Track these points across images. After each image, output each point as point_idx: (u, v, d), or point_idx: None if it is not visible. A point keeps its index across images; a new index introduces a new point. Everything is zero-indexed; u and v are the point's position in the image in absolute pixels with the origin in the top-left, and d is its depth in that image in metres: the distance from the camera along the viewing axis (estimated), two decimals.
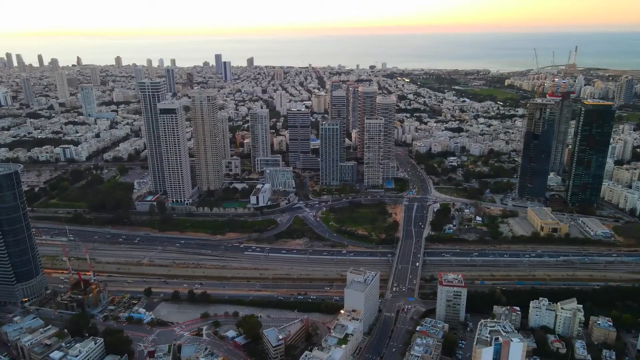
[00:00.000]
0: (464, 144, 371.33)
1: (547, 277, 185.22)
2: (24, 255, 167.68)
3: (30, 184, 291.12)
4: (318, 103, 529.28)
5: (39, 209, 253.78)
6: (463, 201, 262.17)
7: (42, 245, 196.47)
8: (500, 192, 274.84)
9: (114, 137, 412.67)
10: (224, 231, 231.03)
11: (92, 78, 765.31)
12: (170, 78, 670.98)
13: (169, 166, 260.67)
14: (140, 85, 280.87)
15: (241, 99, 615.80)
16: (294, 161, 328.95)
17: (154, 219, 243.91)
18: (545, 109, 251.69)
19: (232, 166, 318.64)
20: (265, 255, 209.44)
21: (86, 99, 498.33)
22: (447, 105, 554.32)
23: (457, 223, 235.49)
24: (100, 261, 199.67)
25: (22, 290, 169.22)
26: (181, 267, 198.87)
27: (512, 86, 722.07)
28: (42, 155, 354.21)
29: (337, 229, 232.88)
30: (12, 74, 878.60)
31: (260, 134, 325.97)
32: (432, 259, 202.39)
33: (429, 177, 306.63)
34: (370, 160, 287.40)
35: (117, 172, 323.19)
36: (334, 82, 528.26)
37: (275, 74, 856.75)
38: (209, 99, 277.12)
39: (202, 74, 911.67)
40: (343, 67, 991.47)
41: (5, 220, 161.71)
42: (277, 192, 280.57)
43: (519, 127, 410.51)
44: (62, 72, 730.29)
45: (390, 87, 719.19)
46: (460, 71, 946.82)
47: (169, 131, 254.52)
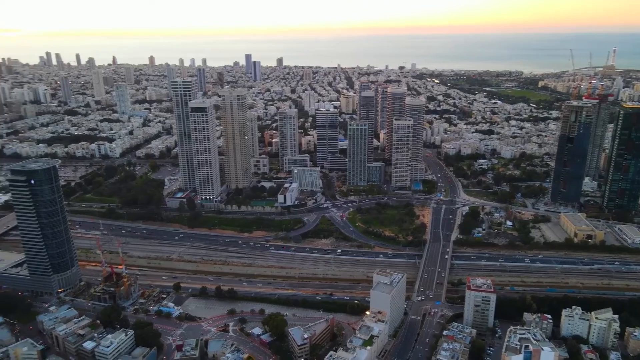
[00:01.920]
0: (495, 147, 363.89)
1: (580, 285, 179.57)
2: (61, 247, 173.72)
3: (67, 178, 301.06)
4: (346, 103, 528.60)
5: (74, 203, 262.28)
6: (493, 205, 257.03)
7: (77, 238, 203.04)
8: (532, 197, 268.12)
9: (147, 134, 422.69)
10: (251, 229, 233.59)
11: (126, 77, 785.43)
12: (202, 77, 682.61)
13: (199, 164, 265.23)
14: (172, 84, 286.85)
15: (270, 98, 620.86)
16: (322, 161, 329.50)
17: (183, 216, 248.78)
18: (582, 111, 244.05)
19: (260, 165, 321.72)
20: (291, 254, 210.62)
21: (121, 97, 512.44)
22: (478, 106, 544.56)
23: (487, 227, 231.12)
24: (131, 255, 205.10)
25: (58, 281, 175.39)
26: (209, 264, 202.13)
27: (546, 88, 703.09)
28: (79, 151, 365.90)
29: (364, 229, 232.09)
30: (51, 72, 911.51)
31: (288, 133, 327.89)
32: (460, 262, 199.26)
33: (458, 179, 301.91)
34: (398, 162, 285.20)
35: (149, 168, 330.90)
36: (362, 83, 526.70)
37: (304, 74, 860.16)
38: (239, 98, 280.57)
39: (232, 73, 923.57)
40: (372, 68, 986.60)
41: (43, 213, 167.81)
42: (304, 191, 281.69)
43: (552, 130, 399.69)
44: (99, 71, 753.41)
45: (419, 88, 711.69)
46: (491, 72, 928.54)
47: (200, 129, 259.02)
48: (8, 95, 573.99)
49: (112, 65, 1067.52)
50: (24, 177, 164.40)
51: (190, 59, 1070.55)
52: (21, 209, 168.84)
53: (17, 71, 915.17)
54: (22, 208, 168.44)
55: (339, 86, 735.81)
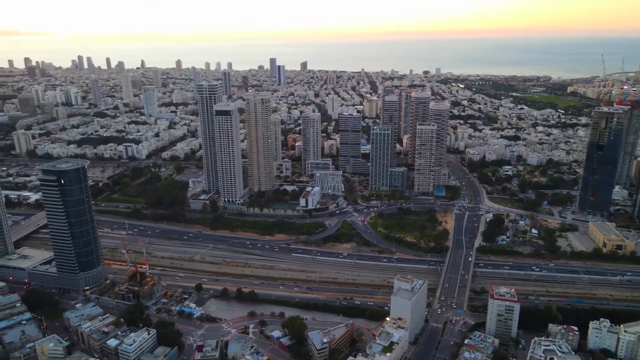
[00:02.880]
0: (521, 153, 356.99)
1: (609, 297, 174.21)
2: (88, 246, 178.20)
3: (95, 179, 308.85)
4: (370, 108, 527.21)
5: (102, 203, 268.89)
6: (518, 212, 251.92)
7: (103, 237, 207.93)
8: (559, 205, 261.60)
9: (172, 136, 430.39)
10: (273, 232, 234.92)
11: (154, 80, 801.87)
12: (227, 81, 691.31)
13: (223, 166, 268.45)
14: (198, 87, 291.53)
15: (294, 102, 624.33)
16: (344, 165, 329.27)
17: (206, 217, 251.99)
18: (612, 118, 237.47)
19: (283, 168, 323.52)
20: (312, 257, 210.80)
21: (148, 100, 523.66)
22: (504, 112, 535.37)
23: (511, 235, 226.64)
24: (155, 255, 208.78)
25: (85, 279, 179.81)
26: (231, 266, 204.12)
27: (575, 93, 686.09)
28: (107, 152, 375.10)
29: (385, 235, 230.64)
30: (82, 75, 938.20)
31: (311, 137, 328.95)
32: (483, 270, 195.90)
33: (482, 186, 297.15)
34: (421, 167, 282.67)
35: (174, 170, 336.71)
36: (386, 87, 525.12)
37: (328, 78, 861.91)
38: (263, 101, 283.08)
39: (257, 77, 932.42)
40: (396, 72, 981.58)
41: (72, 212, 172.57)
42: (326, 195, 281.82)
43: (581, 137, 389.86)
44: (127, 74, 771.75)
45: (444, 92, 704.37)
46: (518, 77, 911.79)
47: (224, 132, 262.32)
48: (41, 97, 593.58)
49: (141, 69, 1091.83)
50: (54, 177, 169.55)
51: (216, 62, 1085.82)
52: (51, 208, 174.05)
53: (51, 74, 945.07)
54: (52, 207, 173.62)
55: (363, 90, 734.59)
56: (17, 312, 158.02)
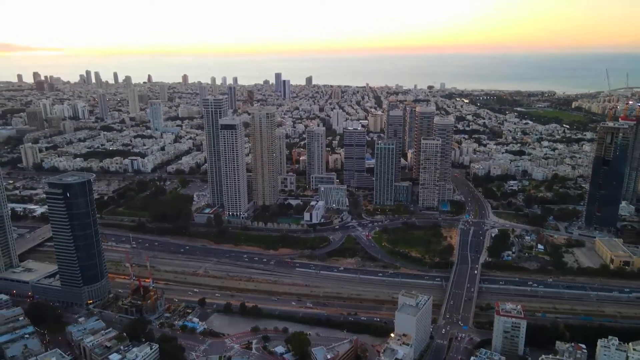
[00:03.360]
0: (526, 168, 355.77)
1: (617, 315, 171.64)
2: (92, 259, 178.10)
3: (100, 192, 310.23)
4: (374, 122, 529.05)
5: (107, 217, 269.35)
6: (523, 227, 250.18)
7: (107, 250, 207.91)
8: (565, 220, 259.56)
9: (178, 150, 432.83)
10: (277, 246, 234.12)
11: (160, 94, 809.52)
12: (232, 95, 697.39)
13: (227, 180, 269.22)
14: (204, 101, 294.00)
15: (299, 116, 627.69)
16: (349, 179, 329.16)
17: (210, 231, 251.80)
18: (618, 133, 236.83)
19: (287, 182, 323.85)
20: (316, 272, 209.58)
21: (154, 114, 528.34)
22: (509, 127, 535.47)
23: (517, 250, 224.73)
24: (159, 269, 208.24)
25: (88, 292, 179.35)
26: (234, 280, 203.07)
27: (580, 108, 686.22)
28: (112, 165, 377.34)
29: (390, 249, 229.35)
30: (90, 89, 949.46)
31: (316, 151, 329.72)
32: (489, 286, 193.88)
33: (487, 200, 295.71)
34: (425, 181, 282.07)
35: (179, 184, 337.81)
36: (391, 102, 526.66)
37: (333, 92, 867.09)
38: (268, 116, 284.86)
39: (262, 91, 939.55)
40: (400, 87, 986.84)
41: (77, 225, 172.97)
42: (330, 209, 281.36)
43: (587, 152, 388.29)
44: (134, 88, 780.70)
45: (448, 107, 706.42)
46: (522, 92, 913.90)
47: (229, 146, 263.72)
48: (49, 111, 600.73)
49: (147, 83, 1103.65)
50: (60, 190, 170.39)
51: (222, 77, 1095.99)
52: (56, 221, 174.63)
53: (59, 88, 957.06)
54: (57, 220, 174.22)
55: (367, 105, 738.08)
56: (20, 326, 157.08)
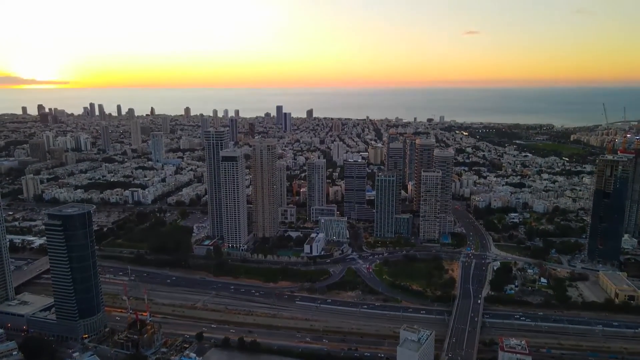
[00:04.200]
0: (527, 200, 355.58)
1: (624, 350, 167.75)
2: (89, 292, 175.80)
3: (100, 224, 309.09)
4: (375, 154, 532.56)
5: (106, 248, 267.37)
6: (526, 260, 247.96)
7: (105, 283, 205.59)
8: (568, 253, 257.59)
9: (178, 182, 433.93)
10: (276, 279, 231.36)
11: (162, 126, 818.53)
12: (234, 128, 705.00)
13: (227, 212, 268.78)
14: (205, 134, 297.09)
15: (299, 148, 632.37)
16: (349, 212, 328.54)
17: (209, 263, 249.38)
18: (617, 166, 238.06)
19: (287, 214, 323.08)
20: (316, 306, 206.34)
21: (156, 146, 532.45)
22: (508, 159, 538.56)
23: (520, 284, 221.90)
24: (157, 302, 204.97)
25: (84, 326, 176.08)
26: (233, 313, 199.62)
27: (579, 141, 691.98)
28: (113, 197, 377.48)
29: (391, 282, 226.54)
30: (93, 122, 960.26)
31: (316, 183, 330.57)
32: (492, 321, 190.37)
33: (488, 233, 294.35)
34: (426, 214, 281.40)
35: (179, 215, 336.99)
36: (391, 134, 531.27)
37: (333, 125, 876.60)
38: (269, 148, 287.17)
39: (264, 124, 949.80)
40: (400, 120, 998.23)
41: (75, 257, 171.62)
42: (331, 242, 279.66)
43: (587, 185, 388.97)
44: (137, 121, 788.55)
45: (448, 140, 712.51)
46: (521, 125, 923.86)
47: (229, 178, 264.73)
48: (52, 143, 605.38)
49: (150, 116, 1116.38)
50: (59, 221, 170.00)
51: (224, 109, 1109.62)
52: (54, 253, 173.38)
53: (62, 121, 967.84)
54: (55, 252, 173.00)
55: (368, 137, 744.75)
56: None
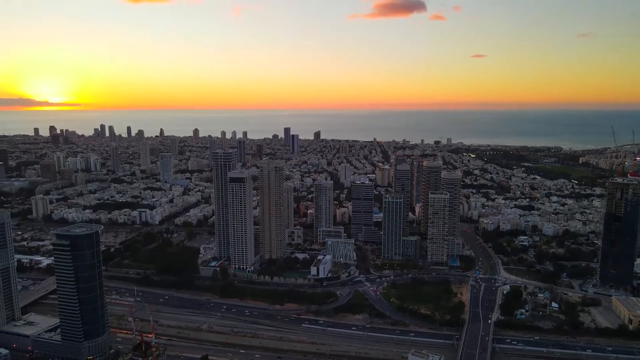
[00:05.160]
0: (536, 223, 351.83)
1: None
2: (95, 313, 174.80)
3: (107, 244, 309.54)
4: (382, 176, 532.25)
5: (112, 269, 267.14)
6: (536, 284, 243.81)
7: (111, 304, 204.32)
8: (579, 277, 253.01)
9: (186, 202, 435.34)
10: (283, 301, 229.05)
11: (171, 148, 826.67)
12: (242, 149, 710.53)
13: (234, 233, 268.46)
14: (213, 155, 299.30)
15: (307, 170, 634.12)
16: (356, 233, 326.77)
17: (216, 285, 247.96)
18: (628, 189, 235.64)
19: (294, 236, 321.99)
20: (323, 329, 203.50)
21: (164, 167, 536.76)
22: (516, 181, 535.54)
23: (530, 308, 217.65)
24: (162, 324, 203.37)
25: (88, 348, 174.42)
26: (239, 336, 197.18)
27: (587, 164, 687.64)
28: (121, 217, 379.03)
29: (399, 306, 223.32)
30: (103, 143, 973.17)
31: (323, 205, 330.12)
32: (503, 346, 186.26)
33: (497, 256, 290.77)
34: (434, 236, 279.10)
35: (186, 236, 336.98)
36: (398, 156, 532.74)
37: (341, 147, 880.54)
38: (277, 169, 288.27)
39: (271, 145, 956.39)
40: (408, 142, 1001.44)
41: (81, 278, 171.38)
42: (338, 264, 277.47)
43: (597, 208, 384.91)
44: (146, 142, 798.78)
45: (455, 162, 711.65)
46: (529, 148, 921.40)
47: (237, 199, 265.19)
48: (62, 164, 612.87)
49: (159, 137, 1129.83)
50: (67, 241, 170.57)
51: (232, 131, 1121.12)
52: (61, 273, 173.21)
53: (73, 142, 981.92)
54: (62, 272, 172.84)
55: (375, 159, 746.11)
56: None
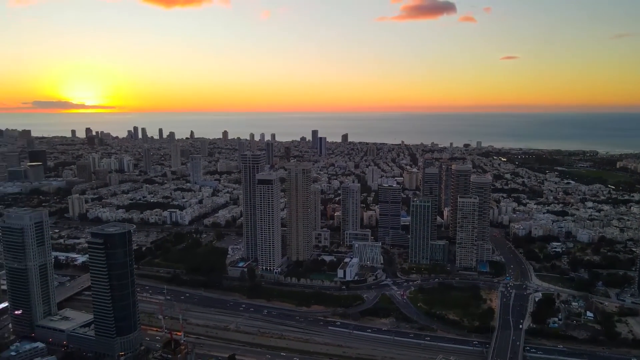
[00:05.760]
0: (570, 229, 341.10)
1: None
2: (126, 310, 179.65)
3: (139, 243, 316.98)
4: (410, 179, 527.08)
5: (144, 267, 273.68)
6: (570, 292, 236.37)
7: (141, 302, 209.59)
8: (616, 286, 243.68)
9: (215, 204, 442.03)
10: (309, 303, 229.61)
11: (201, 149, 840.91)
12: (270, 151, 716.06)
13: (262, 234, 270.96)
14: (242, 157, 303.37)
15: (334, 172, 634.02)
16: (383, 237, 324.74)
17: (243, 285, 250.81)
18: None
19: (321, 238, 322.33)
20: (349, 332, 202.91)
21: (194, 168, 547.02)
22: (549, 186, 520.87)
23: (564, 317, 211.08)
24: (190, 322, 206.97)
25: (120, 344, 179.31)
26: (265, 337, 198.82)
27: (625, 169, 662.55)
28: (152, 217, 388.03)
29: (426, 310, 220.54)
30: (136, 144, 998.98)
31: (350, 207, 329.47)
32: (534, 355, 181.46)
33: (528, 262, 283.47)
34: (462, 241, 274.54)
35: (214, 237, 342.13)
36: (426, 159, 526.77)
37: (368, 149, 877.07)
38: (304, 171, 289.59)
39: (299, 148, 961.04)
40: (436, 145, 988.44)
41: (114, 276, 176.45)
42: (364, 267, 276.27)
43: (635, 214, 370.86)
44: (177, 144, 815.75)
45: (485, 165, 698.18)
46: (563, 151, 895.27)
47: (265, 201, 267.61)
48: (97, 164, 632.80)
49: (190, 139, 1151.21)
50: (101, 239, 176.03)
51: (260, 134, 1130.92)
52: (95, 270, 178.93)
53: (108, 143, 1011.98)
54: (96, 269, 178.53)
55: (403, 162, 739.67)
56: None
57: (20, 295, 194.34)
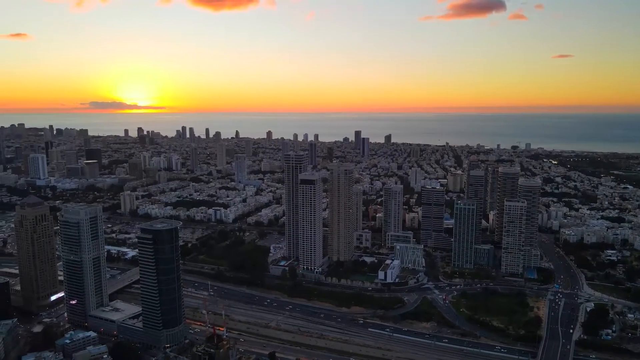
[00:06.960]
0: (626, 237, 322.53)
1: None
2: (173, 303, 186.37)
3: (185, 239, 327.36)
4: (454, 182, 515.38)
5: (189, 263, 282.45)
6: (625, 303, 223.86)
7: (186, 296, 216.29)
8: None
9: (258, 202, 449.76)
10: (349, 304, 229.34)
11: (246, 149, 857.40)
12: (313, 151, 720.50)
13: (304, 234, 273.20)
14: (285, 157, 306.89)
15: (376, 173, 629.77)
16: (426, 239, 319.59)
17: (284, 284, 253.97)
18: None
19: (362, 239, 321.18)
20: (389, 335, 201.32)
21: (239, 167, 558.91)
22: (604, 191, 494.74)
23: (618, 329, 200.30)
24: (233, 318, 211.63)
25: (166, 336, 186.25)
26: (305, 336, 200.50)
27: None
28: (198, 215, 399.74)
29: (469, 316, 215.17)
30: (184, 144, 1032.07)
31: (392, 209, 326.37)
32: None
33: (580, 270, 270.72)
34: (509, 246, 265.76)
35: (257, 235, 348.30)
36: (472, 161, 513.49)
37: (412, 151, 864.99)
38: (346, 172, 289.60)
39: (342, 148, 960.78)
40: (482, 147, 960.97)
41: (162, 270, 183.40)
42: (405, 269, 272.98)
43: None
44: (223, 143, 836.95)
45: (534, 168, 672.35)
46: (620, 154, 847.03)
47: (307, 201, 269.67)
48: (148, 163, 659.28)
49: (235, 139, 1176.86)
50: (150, 235, 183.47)
51: (304, 134, 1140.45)
52: (144, 264, 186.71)
53: (157, 142, 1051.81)
54: (145, 263, 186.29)
55: (447, 164, 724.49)
56: None
57: (76, 285, 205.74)
